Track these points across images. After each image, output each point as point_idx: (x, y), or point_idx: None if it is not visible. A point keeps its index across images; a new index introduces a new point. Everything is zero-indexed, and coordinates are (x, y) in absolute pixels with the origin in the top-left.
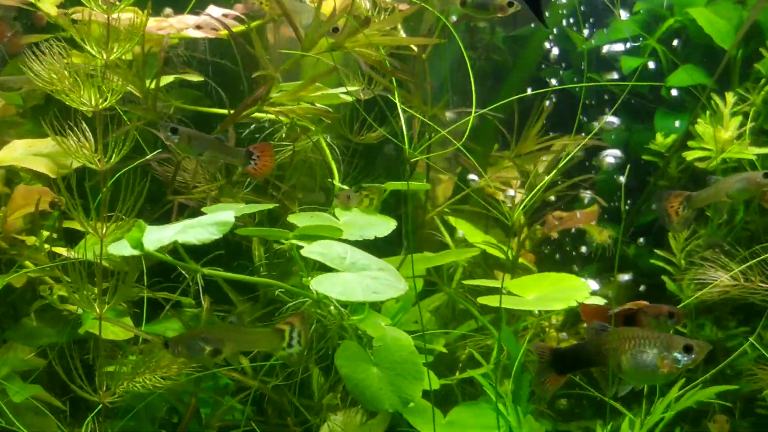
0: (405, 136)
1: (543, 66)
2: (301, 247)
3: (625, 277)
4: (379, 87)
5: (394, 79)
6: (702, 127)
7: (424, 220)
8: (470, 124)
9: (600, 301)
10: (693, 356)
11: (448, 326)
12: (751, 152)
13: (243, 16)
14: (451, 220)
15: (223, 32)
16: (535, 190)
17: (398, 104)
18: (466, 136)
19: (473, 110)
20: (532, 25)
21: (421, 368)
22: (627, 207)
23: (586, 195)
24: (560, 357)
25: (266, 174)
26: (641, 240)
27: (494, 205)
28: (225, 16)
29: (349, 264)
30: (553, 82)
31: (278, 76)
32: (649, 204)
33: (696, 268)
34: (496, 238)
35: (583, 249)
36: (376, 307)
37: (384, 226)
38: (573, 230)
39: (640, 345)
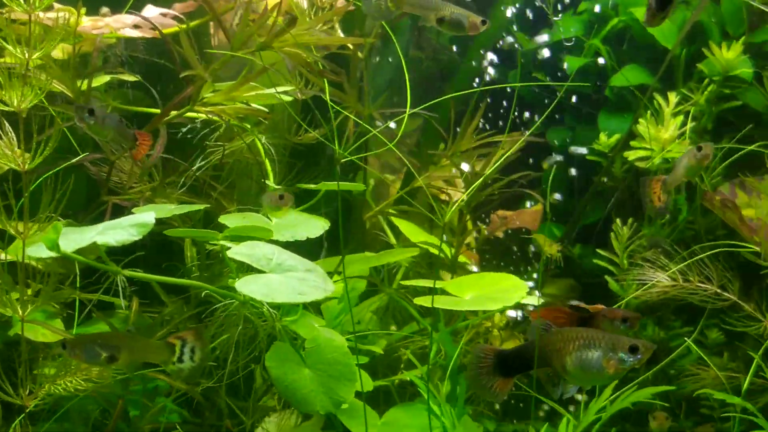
0: (335, 136)
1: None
2: (230, 248)
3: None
4: (316, 88)
5: (325, 79)
6: (643, 126)
7: (367, 221)
8: (404, 125)
9: (536, 300)
10: (639, 356)
11: (400, 327)
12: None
13: (181, 16)
14: (394, 220)
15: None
16: (469, 190)
17: (329, 104)
18: (399, 135)
19: (407, 110)
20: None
21: (354, 369)
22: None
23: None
24: (505, 359)
25: (139, 159)
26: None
27: (434, 205)
28: (163, 15)
29: (275, 265)
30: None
31: (207, 75)
32: (593, 204)
33: (637, 268)
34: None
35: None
36: (317, 308)
37: (316, 226)
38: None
39: (585, 345)
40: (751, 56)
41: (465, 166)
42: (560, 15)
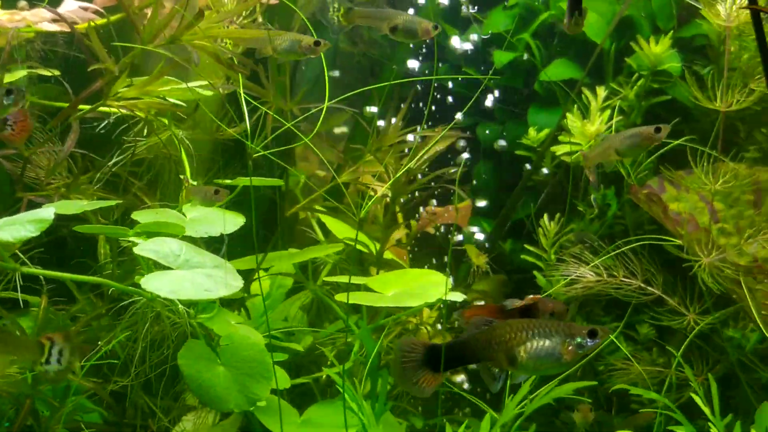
0: (249, 132)
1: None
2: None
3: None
4: (237, 83)
5: (245, 74)
6: (571, 121)
7: (296, 217)
8: (320, 120)
9: (459, 297)
10: (597, 340)
11: (331, 323)
12: None
13: (101, 10)
14: (322, 217)
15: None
16: (387, 184)
17: (242, 99)
18: (317, 129)
19: (325, 103)
20: None
21: (270, 367)
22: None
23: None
24: (436, 354)
25: (22, 140)
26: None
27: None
28: (84, 9)
29: (183, 261)
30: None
31: (116, 69)
32: (524, 200)
33: (563, 263)
34: (373, 235)
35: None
36: (241, 304)
37: (231, 222)
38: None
39: (541, 334)
40: (680, 51)
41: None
42: (475, 9)
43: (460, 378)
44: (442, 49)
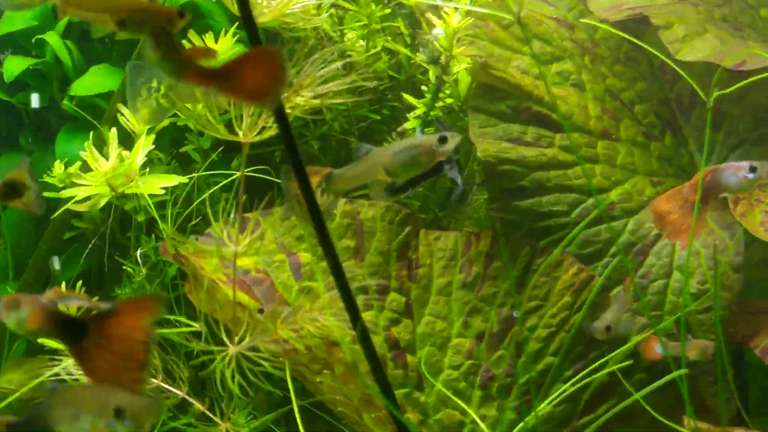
0: None
1: None
2: None
3: None
4: None
5: None
6: (90, 154)
7: None
8: None
9: None
10: (128, 422)
11: None
12: (153, 185)
13: None
14: None
15: None
16: None
17: None
18: None
19: None
20: None
21: None
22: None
23: None
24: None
25: None
26: None
27: None
28: None
29: None
30: None
31: None
32: (71, 253)
33: None
34: None
35: None
36: None
37: None
38: None
39: (78, 411)
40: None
41: None
42: None
43: None
44: None
